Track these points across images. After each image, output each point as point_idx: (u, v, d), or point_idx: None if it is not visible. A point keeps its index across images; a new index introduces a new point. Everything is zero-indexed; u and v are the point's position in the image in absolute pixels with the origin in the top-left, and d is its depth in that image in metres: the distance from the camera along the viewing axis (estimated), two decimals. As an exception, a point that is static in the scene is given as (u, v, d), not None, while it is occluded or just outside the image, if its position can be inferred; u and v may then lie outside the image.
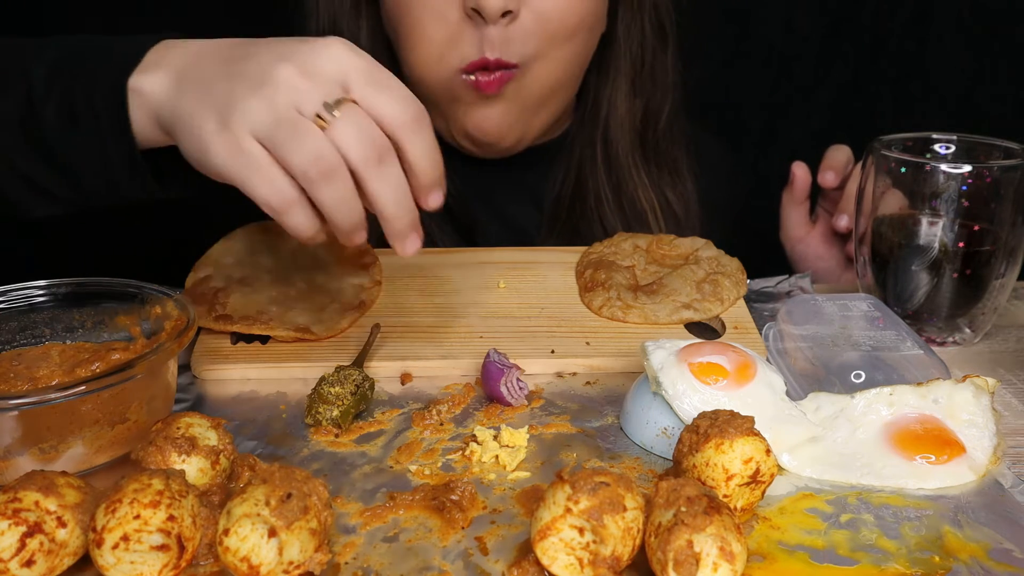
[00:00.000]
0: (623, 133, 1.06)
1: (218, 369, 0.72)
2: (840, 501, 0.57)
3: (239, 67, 0.61)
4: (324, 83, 0.60)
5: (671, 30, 1.06)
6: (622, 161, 1.06)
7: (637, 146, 1.07)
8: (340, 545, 0.52)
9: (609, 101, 1.05)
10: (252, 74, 0.60)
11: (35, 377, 0.63)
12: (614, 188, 1.07)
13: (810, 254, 1.04)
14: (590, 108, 1.07)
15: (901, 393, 0.63)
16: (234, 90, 0.60)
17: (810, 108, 1.60)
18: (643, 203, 1.07)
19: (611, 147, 1.06)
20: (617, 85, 1.05)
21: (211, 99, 0.61)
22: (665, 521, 0.47)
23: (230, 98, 0.60)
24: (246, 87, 0.59)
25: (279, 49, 0.62)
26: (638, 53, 1.05)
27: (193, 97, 0.62)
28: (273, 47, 0.62)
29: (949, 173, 0.75)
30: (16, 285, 0.68)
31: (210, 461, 0.56)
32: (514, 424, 0.65)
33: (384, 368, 0.72)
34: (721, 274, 0.83)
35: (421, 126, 0.62)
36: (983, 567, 0.51)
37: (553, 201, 1.10)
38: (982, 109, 1.58)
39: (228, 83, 0.60)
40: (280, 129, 0.58)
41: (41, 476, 0.50)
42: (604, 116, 1.06)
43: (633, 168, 1.07)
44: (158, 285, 0.68)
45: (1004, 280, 0.78)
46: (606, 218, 1.06)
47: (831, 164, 0.98)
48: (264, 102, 0.59)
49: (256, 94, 0.59)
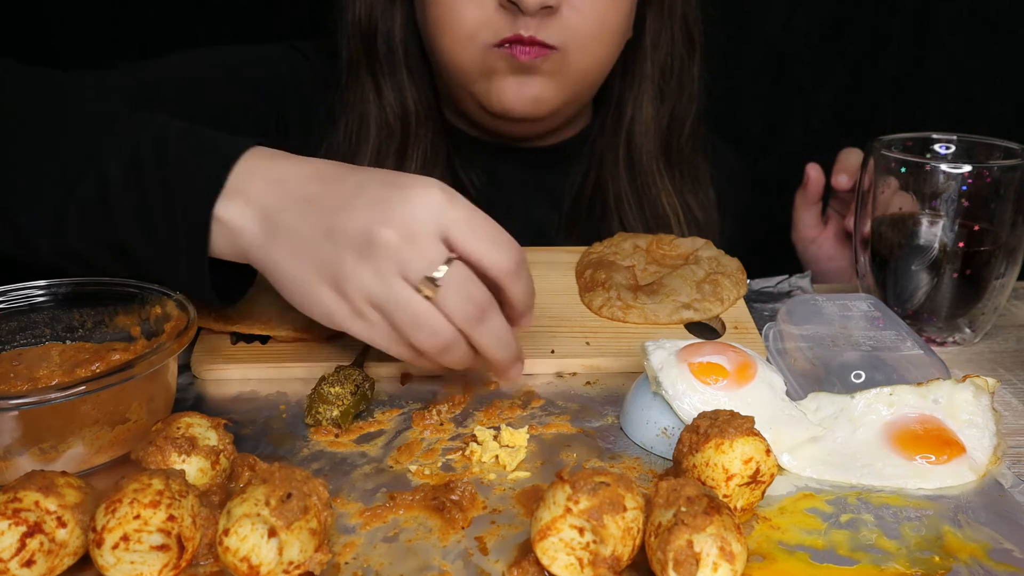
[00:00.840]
0: (648, 138, 1.07)
1: (218, 369, 0.72)
2: (840, 501, 0.57)
3: (335, 223, 0.61)
4: (427, 247, 0.60)
5: (699, 39, 1.08)
6: (646, 166, 1.07)
7: (661, 152, 1.08)
8: (340, 545, 0.52)
9: (634, 106, 1.06)
10: (353, 237, 0.60)
11: (35, 377, 0.63)
12: (636, 192, 1.08)
13: (822, 255, 1.06)
14: (613, 111, 1.08)
15: (901, 393, 0.63)
16: (341, 258, 0.61)
17: (810, 108, 1.60)
18: (666, 208, 1.08)
19: (635, 151, 1.07)
20: (643, 90, 1.06)
21: (314, 261, 0.62)
22: (665, 521, 0.47)
23: (339, 267, 0.61)
24: (352, 255, 0.61)
25: (372, 197, 0.62)
26: (666, 60, 1.06)
27: (287, 250, 0.63)
28: (365, 192, 0.62)
29: (949, 173, 0.75)
30: (16, 285, 0.68)
31: (210, 461, 0.56)
32: (514, 424, 0.65)
33: (384, 368, 0.72)
34: (721, 274, 0.83)
35: (522, 269, 0.64)
36: (983, 567, 0.51)
37: (573, 201, 1.10)
38: (982, 109, 1.58)
39: (331, 246, 0.61)
40: (394, 309, 0.61)
41: (41, 476, 0.50)
42: (628, 120, 1.07)
43: (656, 174, 1.08)
44: (158, 285, 0.68)
45: (1004, 280, 0.78)
46: (627, 220, 1.07)
47: (844, 167, 0.99)
48: (373, 273, 0.60)
49: (363, 263, 0.60)
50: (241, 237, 0.64)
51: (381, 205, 0.61)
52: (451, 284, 0.60)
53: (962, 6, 1.53)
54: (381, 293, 0.60)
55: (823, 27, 1.56)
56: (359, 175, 0.64)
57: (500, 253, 0.62)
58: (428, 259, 0.60)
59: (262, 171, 0.65)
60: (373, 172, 0.65)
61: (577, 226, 1.09)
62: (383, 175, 0.64)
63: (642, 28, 1.04)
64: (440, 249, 0.60)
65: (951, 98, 1.59)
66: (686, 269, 0.84)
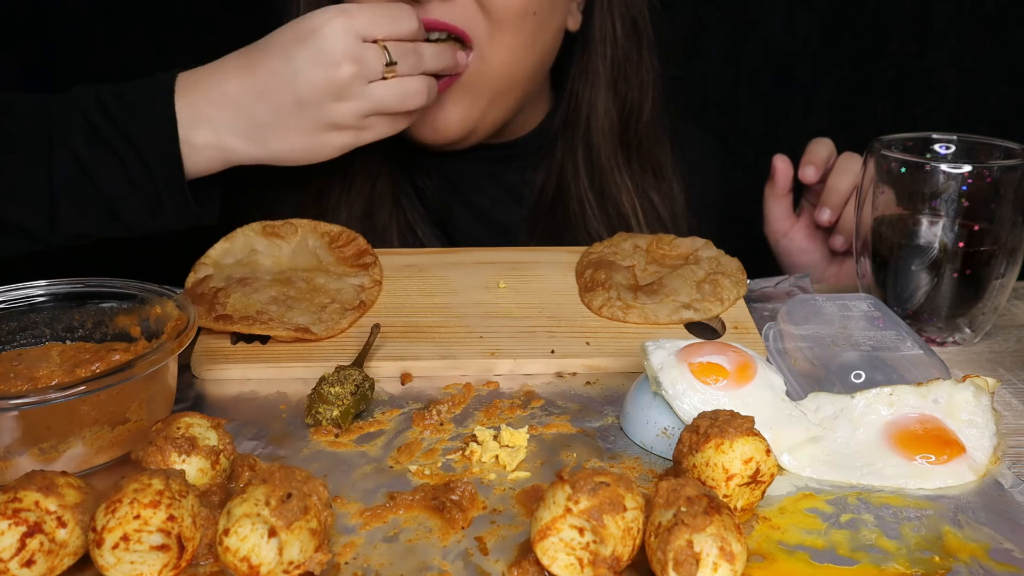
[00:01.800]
0: (604, 134, 1.06)
1: (218, 369, 0.72)
2: (840, 501, 0.57)
3: (298, 93, 0.82)
4: (367, 55, 0.81)
5: (645, 28, 1.06)
6: (604, 164, 1.06)
7: (618, 147, 1.07)
8: (340, 545, 0.52)
9: (588, 103, 1.05)
10: (320, 91, 0.82)
11: (35, 377, 0.63)
12: (597, 192, 1.06)
13: (793, 248, 1.05)
14: (572, 111, 1.07)
15: (901, 393, 0.63)
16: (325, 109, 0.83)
17: (810, 108, 1.60)
18: (626, 207, 1.06)
19: (593, 150, 1.06)
20: (596, 86, 1.05)
21: (306, 127, 0.84)
22: (665, 521, 0.47)
23: (329, 116, 0.83)
24: (329, 101, 0.82)
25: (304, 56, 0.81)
26: (612, 52, 1.04)
27: (276, 135, 0.84)
28: (293, 56, 0.82)
29: (949, 173, 0.75)
30: (16, 285, 0.68)
31: (210, 461, 0.56)
32: (514, 424, 0.65)
33: (384, 368, 0.72)
34: (721, 274, 0.83)
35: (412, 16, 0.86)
36: (983, 567, 0.51)
37: (534, 202, 1.09)
38: (982, 109, 1.58)
39: (311, 109, 0.82)
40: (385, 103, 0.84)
41: (41, 476, 0.50)
42: (585, 118, 1.06)
43: (616, 171, 1.06)
44: (158, 285, 0.68)
45: (1004, 280, 0.78)
46: (589, 222, 1.06)
47: (811, 159, 0.98)
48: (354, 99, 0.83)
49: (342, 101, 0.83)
50: (228, 151, 0.83)
51: (314, 58, 0.80)
52: (396, 54, 0.82)
53: (962, 6, 1.53)
54: (370, 104, 0.82)
55: (823, 27, 1.56)
56: (272, 46, 0.82)
57: (401, 24, 0.83)
58: (374, 60, 0.81)
59: (202, 91, 0.82)
60: (277, 36, 0.83)
61: (539, 226, 1.08)
62: (289, 33, 0.82)
63: (589, 22, 1.04)
64: (373, 50, 0.81)
65: (951, 98, 1.59)
66: (686, 269, 0.84)
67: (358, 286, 0.81)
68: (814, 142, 1.00)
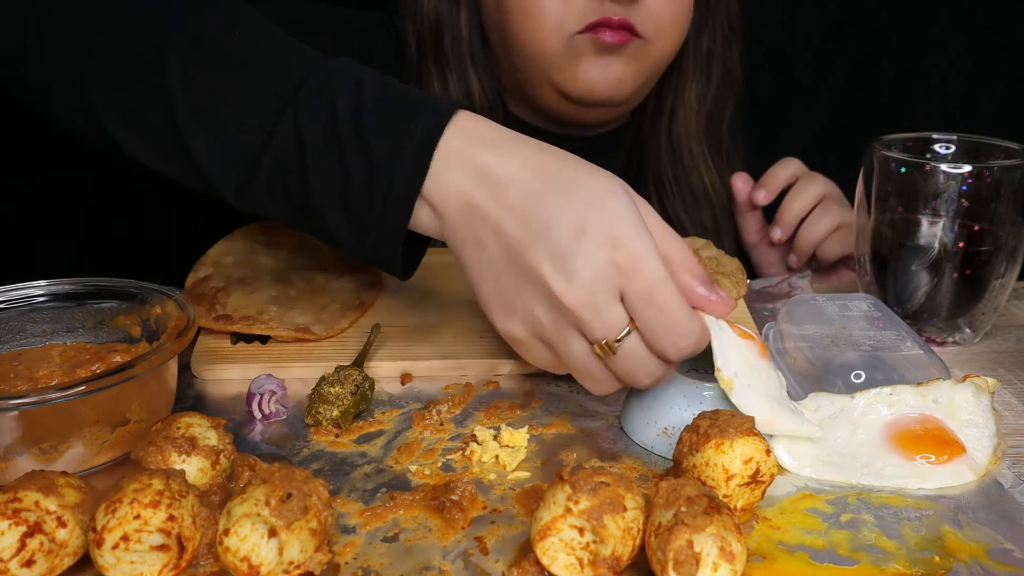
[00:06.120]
0: (690, 126, 1.09)
1: (218, 369, 0.72)
2: (840, 501, 0.57)
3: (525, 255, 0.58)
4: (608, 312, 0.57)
5: (738, 29, 1.09)
6: (686, 153, 1.09)
7: (704, 140, 1.10)
8: (340, 545, 0.52)
9: (676, 93, 1.08)
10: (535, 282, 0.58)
11: (35, 377, 0.63)
12: (676, 177, 1.10)
13: (763, 261, 1.10)
14: (654, 99, 1.09)
15: (901, 393, 0.63)
16: (523, 296, 0.59)
17: (810, 108, 1.60)
18: (709, 189, 1.10)
19: (676, 139, 1.09)
20: (684, 79, 1.07)
21: (497, 284, 0.61)
22: (665, 521, 0.47)
23: (516, 299, 0.60)
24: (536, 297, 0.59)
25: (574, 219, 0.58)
26: (709, 50, 1.07)
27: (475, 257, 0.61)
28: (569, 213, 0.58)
29: (949, 173, 0.75)
30: (16, 285, 0.68)
31: (210, 461, 0.56)
32: (514, 424, 0.65)
33: (384, 368, 0.72)
34: (721, 274, 0.83)
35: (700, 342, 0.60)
36: (983, 567, 0.51)
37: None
38: (982, 109, 1.58)
39: (515, 280, 0.59)
40: (564, 357, 0.60)
41: (41, 476, 0.50)
42: (670, 107, 1.09)
43: (700, 155, 1.10)
44: (158, 285, 0.68)
45: (1004, 280, 0.78)
46: (667, 199, 1.10)
47: (766, 181, 1.04)
48: (552, 319, 0.59)
49: (544, 307, 0.59)
50: (444, 224, 0.62)
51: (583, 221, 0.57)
52: (627, 357, 0.59)
53: (962, 6, 1.54)
54: (555, 339, 0.60)
55: (823, 27, 1.56)
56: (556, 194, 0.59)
57: (681, 341, 0.58)
58: (608, 325, 0.58)
59: (468, 152, 0.61)
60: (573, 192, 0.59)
61: None
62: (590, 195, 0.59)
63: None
64: (621, 314, 0.58)
65: (951, 98, 1.59)
66: (686, 269, 0.84)
67: (358, 286, 0.81)
68: (779, 163, 1.05)
